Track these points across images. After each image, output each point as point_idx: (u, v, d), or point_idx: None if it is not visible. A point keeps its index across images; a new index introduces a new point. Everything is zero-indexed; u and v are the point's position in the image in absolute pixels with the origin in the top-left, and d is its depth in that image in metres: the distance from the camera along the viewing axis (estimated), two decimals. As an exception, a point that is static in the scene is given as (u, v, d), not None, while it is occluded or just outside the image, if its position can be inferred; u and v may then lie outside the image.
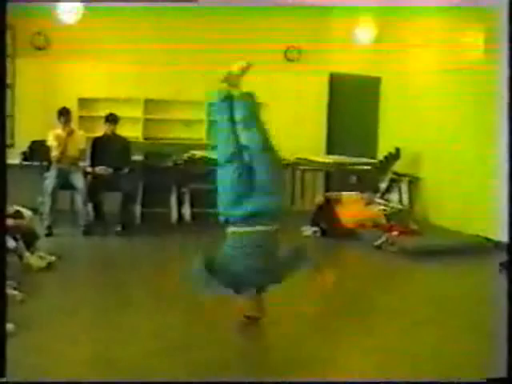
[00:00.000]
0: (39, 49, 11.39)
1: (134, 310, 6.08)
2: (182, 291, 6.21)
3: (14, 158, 10.07)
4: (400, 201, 11.13)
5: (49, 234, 8.81)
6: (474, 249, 8.97)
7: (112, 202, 9.53)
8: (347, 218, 9.79)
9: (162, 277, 7.30)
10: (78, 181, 9.29)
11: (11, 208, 6.95)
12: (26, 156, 10.66)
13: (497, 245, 8.94)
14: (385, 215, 10.04)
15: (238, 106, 5.79)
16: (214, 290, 5.32)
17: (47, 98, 11.05)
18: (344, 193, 10.32)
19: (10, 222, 6.39)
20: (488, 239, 9.17)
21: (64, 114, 9.43)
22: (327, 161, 11.43)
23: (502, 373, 4.05)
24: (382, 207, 10.34)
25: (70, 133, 9.38)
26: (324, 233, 9.81)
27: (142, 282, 7.18)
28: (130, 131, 11.27)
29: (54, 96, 11.00)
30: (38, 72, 11.38)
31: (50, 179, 9.17)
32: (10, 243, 6.57)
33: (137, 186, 10.03)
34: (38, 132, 10.49)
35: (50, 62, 11.37)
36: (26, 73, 11.28)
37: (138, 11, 11.49)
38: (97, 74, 11.68)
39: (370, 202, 10.40)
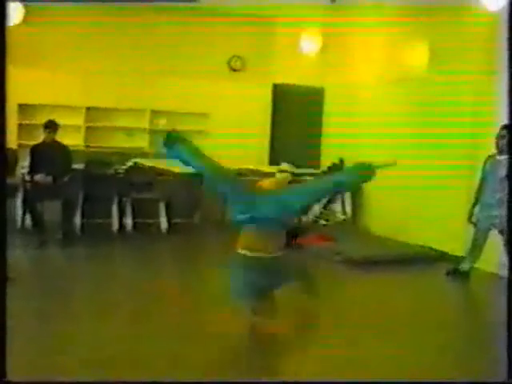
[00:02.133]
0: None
1: (73, 320, 5.92)
2: (120, 302, 6.09)
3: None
4: (343, 211, 11.20)
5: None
6: (419, 259, 9.07)
7: (52, 210, 9.31)
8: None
9: (100, 287, 7.14)
10: None
11: None
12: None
13: (442, 255, 9.05)
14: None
15: None
16: None
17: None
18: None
19: None
20: (433, 249, 9.26)
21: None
22: (270, 171, 11.38)
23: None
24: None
25: None
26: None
27: (80, 293, 7.02)
28: (71, 139, 11.08)
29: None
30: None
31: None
32: None
33: (77, 194, 9.83)
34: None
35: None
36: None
37: (81, 19, 11.32)
38: (38, 81, 11.46)
39: None
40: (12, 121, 11.09)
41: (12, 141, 10.95)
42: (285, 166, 6.98)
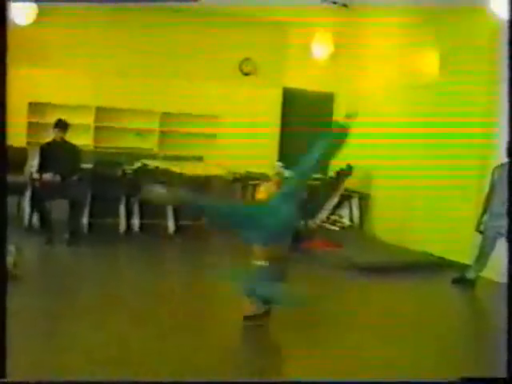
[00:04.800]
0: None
1: (80, 320, 5.93)
2: (124, 302, 6.11)
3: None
4: (350, 217, 11.19)
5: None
6: (425, 266, 9.07)
7: (60, 209, 9.33)
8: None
9: (105, 287, 7.17)
10: None
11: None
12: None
13: (448, 262, 9.02)
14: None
15: None
16: None
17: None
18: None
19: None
20: (439, 257, 9.25)
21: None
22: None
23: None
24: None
25: None
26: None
27: (85, 292, 7.03)
28: (81, 139, 11.10)
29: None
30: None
31: None
32: None
33: (85, 194, 9.83)
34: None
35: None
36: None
37: (92, 19, 11.37)
38: (49, 80, 11.50)
39: None
40: (22, 119, 11.15)
41: (21, 139, 11.00)
42: (278, 164, 7.09)
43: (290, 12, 11.51)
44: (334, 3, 11.33)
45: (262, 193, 6.41)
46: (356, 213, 11.23)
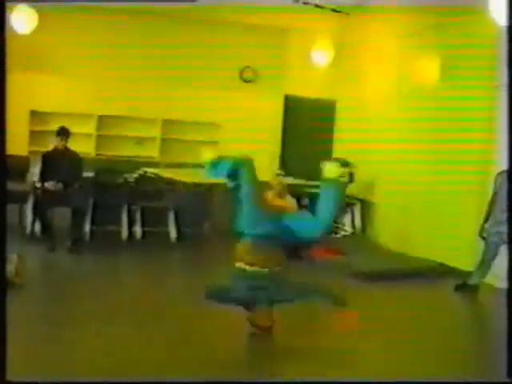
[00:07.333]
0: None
1: (82, 326, 5.93)
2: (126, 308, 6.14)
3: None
4: (352, 224, 11.19)
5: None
6: (428, 273, 9.05)
7: (62, 217, 9.33)
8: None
9: (107, 294, 7.16)
10: None
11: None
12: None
13: (451, 269, 9.01)
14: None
15: None
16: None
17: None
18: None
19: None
20: (442, 264, 9.23)
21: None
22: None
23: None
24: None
25: None
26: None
27: (87, 299, 7.03)
28: (83, 147, 11.10)
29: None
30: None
31: None
32: None
33: (87, 202, 9.83)
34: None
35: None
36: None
37: (94, 26, 11.42)
38: (51, 88, 11.55)
39: None
40: (24, 127, 11.18)
41: (23, 147, 11.02)
42: (278, 172, 7.10)
43: (290, 19, 11.55)
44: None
45: (277, 200, 6.41)
46: (358, 220, 11.23)
